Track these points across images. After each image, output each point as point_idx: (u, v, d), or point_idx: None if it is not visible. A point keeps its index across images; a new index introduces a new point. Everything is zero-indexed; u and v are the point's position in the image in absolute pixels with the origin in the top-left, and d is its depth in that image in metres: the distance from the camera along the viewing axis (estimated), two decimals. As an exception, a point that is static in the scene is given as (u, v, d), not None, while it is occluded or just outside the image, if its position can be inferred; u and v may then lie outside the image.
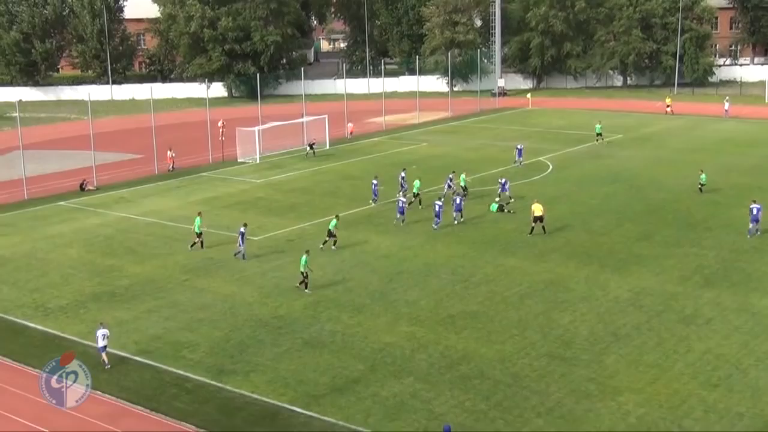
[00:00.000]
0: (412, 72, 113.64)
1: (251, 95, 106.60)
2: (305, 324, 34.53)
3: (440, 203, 48.39)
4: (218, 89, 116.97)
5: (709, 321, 34.11)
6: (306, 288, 37.98)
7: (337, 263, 42.26)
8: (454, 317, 35.00)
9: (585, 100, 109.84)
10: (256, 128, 71.67)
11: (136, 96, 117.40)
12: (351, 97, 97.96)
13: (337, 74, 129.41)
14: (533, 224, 45.88)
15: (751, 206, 45.30)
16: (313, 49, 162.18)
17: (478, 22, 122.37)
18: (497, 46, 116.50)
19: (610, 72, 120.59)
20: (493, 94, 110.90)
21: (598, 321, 34.30)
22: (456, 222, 48.70)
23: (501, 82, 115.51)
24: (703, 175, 55.14)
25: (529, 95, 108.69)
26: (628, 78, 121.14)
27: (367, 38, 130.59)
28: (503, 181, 53.40)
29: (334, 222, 44.55)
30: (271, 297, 37.79)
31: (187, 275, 41.05)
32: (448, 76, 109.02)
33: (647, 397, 27.85)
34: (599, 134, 74.74)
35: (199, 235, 45.03)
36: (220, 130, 72.94)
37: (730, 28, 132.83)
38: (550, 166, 65.43)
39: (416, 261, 42.39)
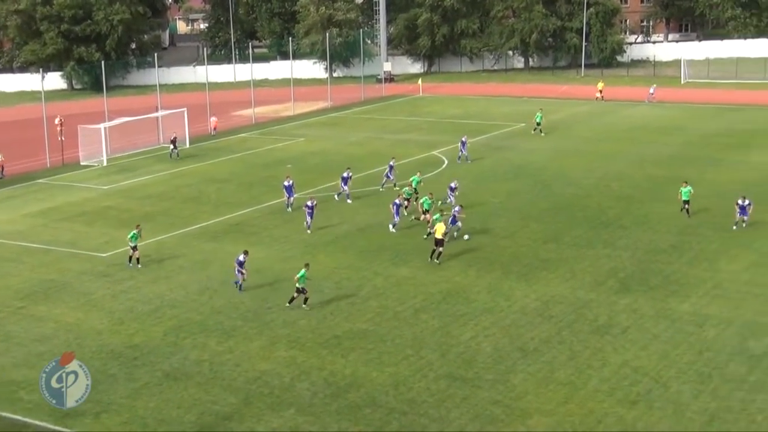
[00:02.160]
0: (284, 56, 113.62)
1: (95, 86, 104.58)
2: (166, 353, 34.02)
3: (397, 202, 48.76)
4: (56, 80, 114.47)
5: (626, 330, 35.07)
6: (297, 303, 37.85)
7: (203, 280, 41.84)
8: (340, 338, 35.05)
9: (482, 85, 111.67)
10: (101, 125, 70.38)
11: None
12: (214, 86, 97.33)
13: (197, 60, 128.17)
14: (435, 247, 43.37)
15: (737, 201, 47.16)
16: (168, 32, 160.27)
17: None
18: (382, 24, 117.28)
19: (510, 53, 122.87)
20: (379, 80, 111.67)
21: (503, 335, 34.84)
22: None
23: (387, 66, 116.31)
24: (686, 188, 49.68)
25: (419, 80, 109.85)
26: (530, 59, 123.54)
27: (231, 17, 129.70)
28: (453, 185, 52.48)
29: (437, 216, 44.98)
30: (124, 323, 37.10)
31: (22, 301, 39.95)
32: (326, 60, 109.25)
33: (559, 419, 28.42)
34: (539, 124, 76.09)
35: (135, 248, 43.82)
36: (59, 128, 71.32)
37: (642, 1, 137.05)
38: (445, 161, 66.24)
39: (295, 275, 42.26)
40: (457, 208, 46.80)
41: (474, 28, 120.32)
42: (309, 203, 48.86)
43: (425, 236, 46.50)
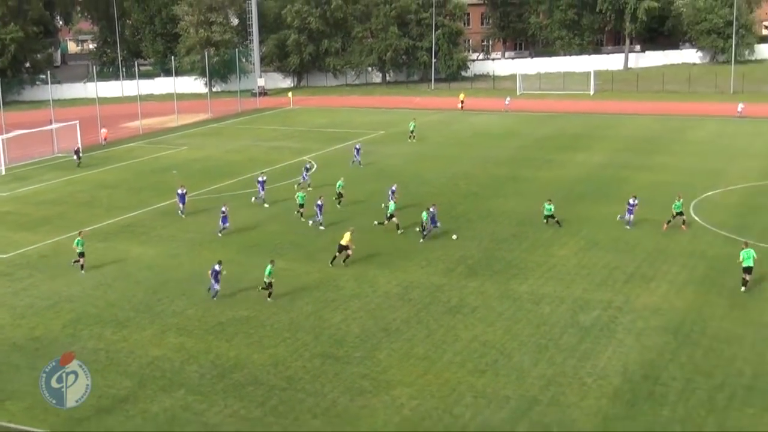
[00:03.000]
0: (168, 73, 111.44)
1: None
2: (65, 344, 32.99)
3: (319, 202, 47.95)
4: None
5: (475, 309, 35.75)
6: (269, 297, 37.03)
7: (98, 277, 40.84)
8: (224, 324, 34.75)
9: (346, 97, 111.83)
10: (-1, 137, 68.07)
11: None
12: (104, 101, 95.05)
13: (87, 77, 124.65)
14: (338, 253, 41.66)
15: (629, 200, 47.17)
16: (59, 51, 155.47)
17: (235, 21, 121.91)
18: (255, 44, 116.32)
19: (369, 69, 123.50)
20: (254, 94, 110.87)
21: (369, 317, 35.11)
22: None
23: (261, 82, 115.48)
24: (550, 206, 47.52)
25: (290, 94, 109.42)
26: (387, 74, 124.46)
27: (118, 38, 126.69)
28: (393, 188, 51.15)
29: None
30: (25, 318, 35.93)
31: (-73, 301, 38.32)
32: (206, 76, 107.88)
33: (419, 388, 28.84)
34: (412, 131, 76.29)
35: (81, 255, 41.44)
36: (-42, 140, 68.55)
37: (482, 23, 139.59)
38: (314, 165, 66.18)
39: (182, 270, 41.72)
40: (432, 208, 46.34)
41: (337, 47, 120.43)
42: (223, 209, 47.33)
43: (400, 231, 46.52)
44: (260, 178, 53.96)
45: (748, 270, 36.57)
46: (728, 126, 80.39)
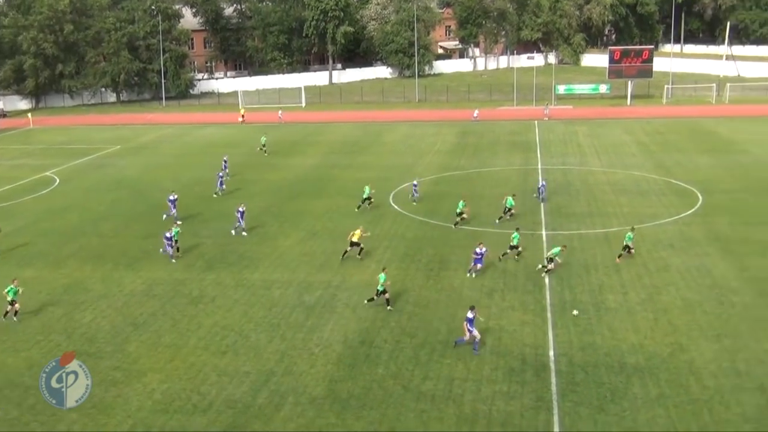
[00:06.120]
0: None
1: None
2: None
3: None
4: None
5: (214, 299, 35.24)
6: (388, 304, 33.24)
7: None
8: (-24, 334, 31.96)
9: (83, 116, 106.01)
10: None
11: None
12: None
13: None
14: (348, 248, 39.66)
15: (475, 249, 37.48)
16: None
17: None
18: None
19: (104, 89, 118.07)
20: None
21: (118, 314, 33.65)
22: None
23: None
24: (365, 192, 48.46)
25: (29, 115, 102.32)
26: (121, 94, 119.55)
27: None
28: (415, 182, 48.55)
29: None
30: None
31: None
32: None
33: (168, 373, 28.04)
34: (264, 146, 72.50)
35: (12, 303, 33.59)
36: None
37: (205, 47, 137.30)
38: (57, 180, 62.30)
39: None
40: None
41: (71, 70, 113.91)
42: (168, 234, 41.14)
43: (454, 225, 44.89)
44: (171, 197, 48.92)
45: (515, 247, 39.10)
46: (416, 129, 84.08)
